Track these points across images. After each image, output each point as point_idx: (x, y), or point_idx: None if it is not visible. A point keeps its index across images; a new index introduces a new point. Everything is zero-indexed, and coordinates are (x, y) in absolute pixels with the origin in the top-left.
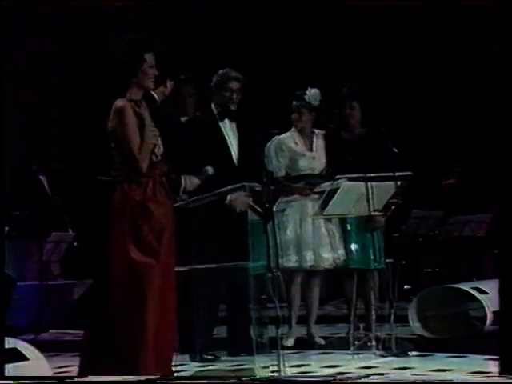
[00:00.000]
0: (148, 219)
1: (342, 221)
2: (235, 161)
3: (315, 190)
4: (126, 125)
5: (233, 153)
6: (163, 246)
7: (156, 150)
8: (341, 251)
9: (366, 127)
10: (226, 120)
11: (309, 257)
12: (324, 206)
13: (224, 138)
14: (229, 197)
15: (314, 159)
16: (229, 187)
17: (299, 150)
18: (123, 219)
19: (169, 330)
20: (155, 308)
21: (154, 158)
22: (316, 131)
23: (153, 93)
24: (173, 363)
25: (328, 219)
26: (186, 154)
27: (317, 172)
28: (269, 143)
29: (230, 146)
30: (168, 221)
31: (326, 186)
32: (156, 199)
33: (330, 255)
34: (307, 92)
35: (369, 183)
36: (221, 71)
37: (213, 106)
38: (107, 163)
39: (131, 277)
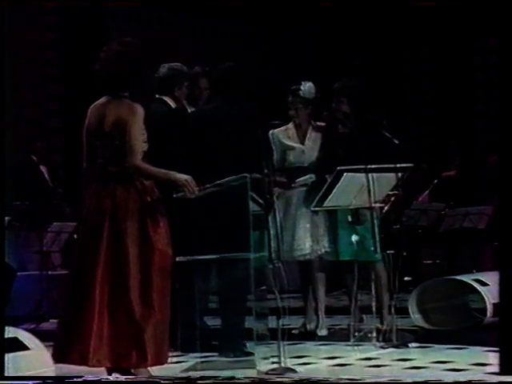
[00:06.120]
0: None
1: (332, 213)
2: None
3: (292, 185)
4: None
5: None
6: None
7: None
8: (324, 243)
9: (361, 121)
10: None
11: (285, 248)
12: (324, 197)
13: None
14: None
15: (304, 153)
16: (229, 178)
17: (290, 143)
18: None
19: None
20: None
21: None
22: (313, 124)
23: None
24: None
25: (314, 211)
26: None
27: (306, 165)
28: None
29: None
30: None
31: (302, 180)
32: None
33: (307, 246)
34: (302, 87)
35: (370, 175)
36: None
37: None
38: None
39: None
